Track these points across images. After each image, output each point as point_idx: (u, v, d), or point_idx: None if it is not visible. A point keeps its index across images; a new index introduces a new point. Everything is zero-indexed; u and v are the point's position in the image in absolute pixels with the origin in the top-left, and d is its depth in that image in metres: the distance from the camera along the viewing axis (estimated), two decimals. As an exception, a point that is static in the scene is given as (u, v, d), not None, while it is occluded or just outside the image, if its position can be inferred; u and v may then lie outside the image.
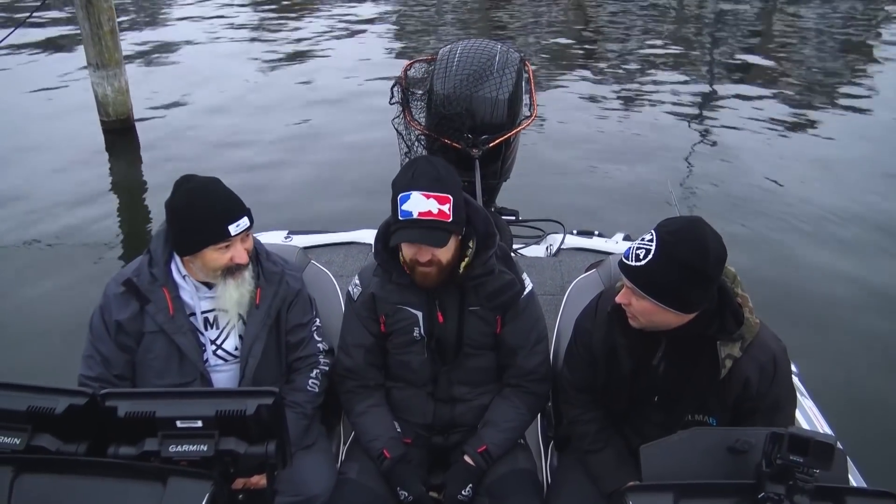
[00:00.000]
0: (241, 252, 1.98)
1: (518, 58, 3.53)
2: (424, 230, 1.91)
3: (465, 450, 2.09)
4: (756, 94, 8.69)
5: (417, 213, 1.90)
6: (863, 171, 6.45)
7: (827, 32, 11.71)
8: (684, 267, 1.66)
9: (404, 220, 1.92)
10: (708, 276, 1.68)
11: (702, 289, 1.69)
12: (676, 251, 1.67)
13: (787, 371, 1.84)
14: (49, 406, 1.37)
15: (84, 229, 5.51)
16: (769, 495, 1.32)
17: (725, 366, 1.75)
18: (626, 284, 1.76)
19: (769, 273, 4.69)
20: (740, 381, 1.78)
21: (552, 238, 4.10)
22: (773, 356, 1.79)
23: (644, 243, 1.72)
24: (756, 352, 1.78)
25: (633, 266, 1.72)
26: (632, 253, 1.74)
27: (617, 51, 10.65)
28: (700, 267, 1.66)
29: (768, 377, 1.78)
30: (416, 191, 1.91)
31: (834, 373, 3.71)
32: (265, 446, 1.42)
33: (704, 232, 1.69)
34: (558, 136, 7.19)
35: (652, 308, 1.73)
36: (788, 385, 1.85)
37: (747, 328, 1.76)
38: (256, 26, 11.84)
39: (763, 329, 1.82)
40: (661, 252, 1.68)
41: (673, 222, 1.74)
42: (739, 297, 1.79)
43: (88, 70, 6.77)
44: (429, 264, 1.96)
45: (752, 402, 1.79)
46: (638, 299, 1.75)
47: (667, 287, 1.69)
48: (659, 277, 1.68)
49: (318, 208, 5.68)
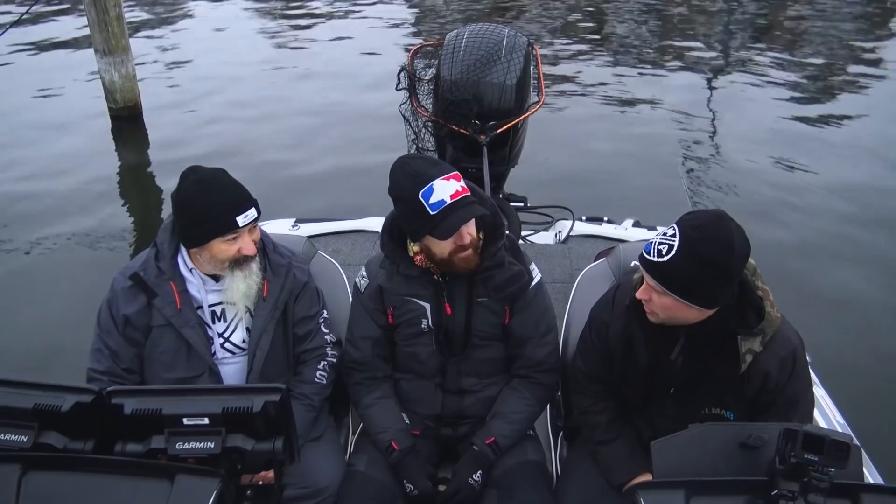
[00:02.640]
0: (248, 243, 1.97)
1: (526, 42, 3.49)
2: (467, 207, 1.90)
3: (474, 441, 2.08)
4: (770, 74, 8.57)
5: (450, 198, 1.87)
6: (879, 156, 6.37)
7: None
8: (708, 264, 1.61)
9: (441, 210, 1.87)
10: (731, 274, 1.65)
11: (725, 285, 1.66)
12: (701, 247, 1.62)
13: (806, 366, 1.81)
14: (56, 403, 1.36)
15: (91, 220, 5.50)
16: (783, 492, 1.30)
17: (746, 360, 1.72)
18: (647, 280, 1.71)
19: (780, 259, 4.64)
20: (760, 376, 1.74)
21: (561, 224, 4.07)
22: (794, 351, 1.76)
23: (666, 238, 1.66)
24: (776, 346, 1.74)
25: (654, 262, 1.67)
26: (653, 248, 1.68)
27: (626, 34, 10.53)
28: (725, 264, 1.62)
29: (787, 372, 1.75)
30: (435, 179, 1.88)
31: (847, 362, 3.67)
32: (272, 443, 1.41)
33: (730, 228, 1.63)
34: (566, 120, 7.13)
35: (673, 304, 1.69)
36: (806, 380, 1.82)
37: (768, 322, 1.72)
38: (264, 14, 11.76)
39: (784, 323, 1.78)
40: (684, 248, 1.63)
41: (697, 217, 1.69)
42: (760, 290, 1.74)
43: (95, 57, 6.74)
44: (468, 246, 1.94)
45: (770, 395, 1.76)
46: (659, 295, 1.70)
47: (690, 284, 1.64)
48: (682, 274, 1.63)
49: (325, 196, 5.65)
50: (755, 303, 1.73)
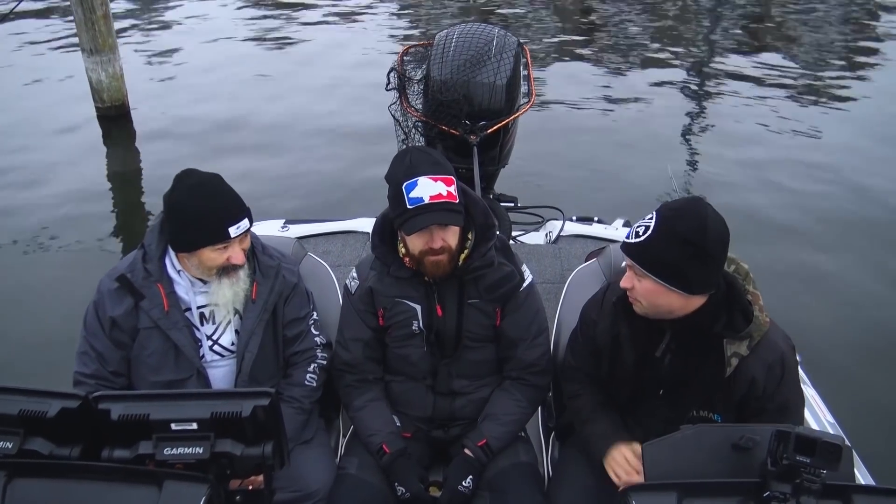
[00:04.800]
0: (238, 253, 1.95)
1: (516, 42, 3.48)
2: (440, 212, 1.88)
3: (465, 444, 2.08)
4: (759, 74, 8.61)
5: (429, 198, 1.87)
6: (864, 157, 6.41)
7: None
8: (683, 241, 1.65)
9: (416, 207, 1.87)
10: (708, 253, 1.66)
11: (702, 266, 1.67)
12: (675, 225, 1.66)
13: (796, 372, 1.81)
14: (41, 409, 1.34)
15: (77, 221, 5.43)
16: (775, 494, 1.29)
17: (731, 364, 1.73)
18: (628, 263, 1.75)
19: (769, 259, 4.66)
20: (746, 381, 1.75)
21: (551, 225, 4.07)
22: (782, 356, 1.76)
23: (644, 221, 1.72)
24: (764, 351, 1.75)
25: (632, 243, 1.72)
26: (632, 232, 1.74)
27: (616, 34, 10.54)
28: (699, 241, 1.64)
29: (776, 378, 1.75)
30: (422, 176, 1.88)
31: (838, 361, 3.68)
32: (262, 447, 1.39)
33: (705, 209, 1.68)
34: (557, 120, 7.13)
35: (654, 288, 1.71)
36: (797, 387, 1.82)
37: (756, 326, 1.73)
38: (254, 13, 11.69)
39: (773, 328, 1.78)
40: (660, 227, 1.68)
41: (675, 201, 1.75)
42: (750, 294, 1.75)
43: (82, 56, 6.68)
44: (440, 251, 1.93)
45: (759, 402, 1.76)
46: (640, 279, 1.73)
47: (666, 262, 1.67)
48: (658, 252, 1.67)
49: (314, 197, 5.63)
50: (743, 306, 1.74)
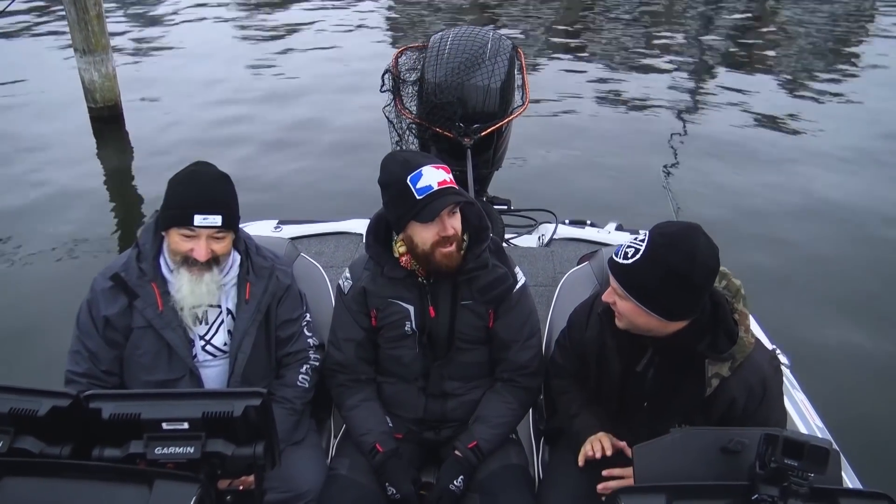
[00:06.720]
0: (202, 249, 1.92)
1: (510, 45, 3.49)
2: (453, 195, 1.90)
3: (456, 446, 2.08)
4: (750, 79, 8.67)
5: (437, 184, 1.88)
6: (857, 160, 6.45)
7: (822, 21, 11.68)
8: (670, 272, 1.62)
9: (427, 195, 1.88)
10: (694, 286, 1.63)
11: (686, 298, 1.65)
12: (664, 255, 1.62)
13: (779, 392, 1.80)
14: (32, 408, 1.33)
15: (69, 220, 5.42)
16: (763, 497, 1.30)
17: (711, 385, 1.71)
18: (612, 282, 1.73)
19: (759, 259, 4.69)
20: (726, 402, 1.74)
21: (544, 228, 4.08)
22: (763, 378, 1.74)
23: (635, 242, 1.68)
24: (746, 373, 1.72)
25: (620, 263, 1.69)
26: (622, 250, 1.70)
27: (609, 38, 10.59)
28: (685, 274, 1.61)
29: (756, 398, 1.73)
30: (425, 166, 1.90)
31: (826, 365, 3.70)
32: (253, 447, 1.39)
33: (697, 240, 1.63)
34: (551, 123, 7.15)
35: (634, 309, 1.70)
36: (779, 407, 1.81)
37: (739, 348, 1.70)
38: (248, 15, 11.69)
39: (758, 348, 1.77)
40: (649, 253, 1.64)
41: (669, 225, 1.70)
42: (738, 314, 1.73)
43: (75, 56, 6.66)
44: (451, 241, 1.94)
45: (739, 421, 1.74)
46: (621, 299, 1.71)
47: (649, 290, 1.65)
48: (643, 279, 1.65)
49: (308, 198, 5.62)
50: (728, 327, 1.71)
